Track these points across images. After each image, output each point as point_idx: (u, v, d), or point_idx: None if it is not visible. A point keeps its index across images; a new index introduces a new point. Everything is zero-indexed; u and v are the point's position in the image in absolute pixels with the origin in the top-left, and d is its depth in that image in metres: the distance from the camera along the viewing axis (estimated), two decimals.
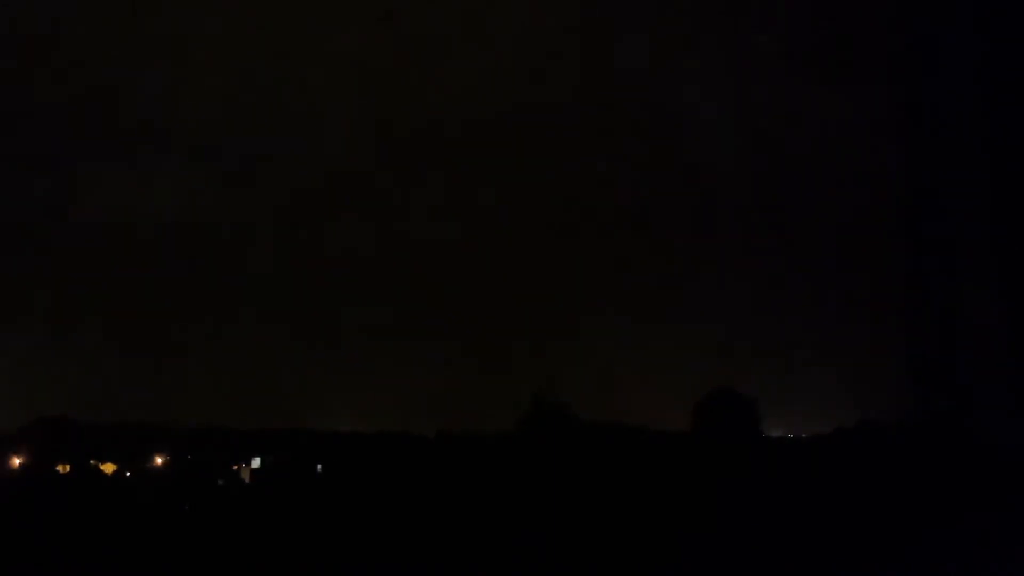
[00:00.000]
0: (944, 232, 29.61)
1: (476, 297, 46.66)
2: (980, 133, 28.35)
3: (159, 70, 48.92)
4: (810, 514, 26.55)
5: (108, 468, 37.13)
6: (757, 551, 24.88)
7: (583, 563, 25.29)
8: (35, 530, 27.24)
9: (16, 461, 35.72)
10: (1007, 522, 23.98)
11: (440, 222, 49.20)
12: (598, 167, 49.62)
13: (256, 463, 38.62)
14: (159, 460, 37.72)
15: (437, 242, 48.73)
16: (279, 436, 40.31)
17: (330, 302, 47.42)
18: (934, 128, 29.15)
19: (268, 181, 49.76)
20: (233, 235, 48.62)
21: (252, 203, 49.09)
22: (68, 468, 35.47)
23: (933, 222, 29.96)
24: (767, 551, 24.83)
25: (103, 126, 48.05)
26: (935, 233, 29.85)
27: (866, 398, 35.35)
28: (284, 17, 50.15)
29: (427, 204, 49.37)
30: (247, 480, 38.08)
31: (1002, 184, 27.84)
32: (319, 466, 37.80)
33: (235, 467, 38.44)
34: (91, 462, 36.58)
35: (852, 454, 31.91)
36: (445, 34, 48.88)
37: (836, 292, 42.40)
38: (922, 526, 25.37)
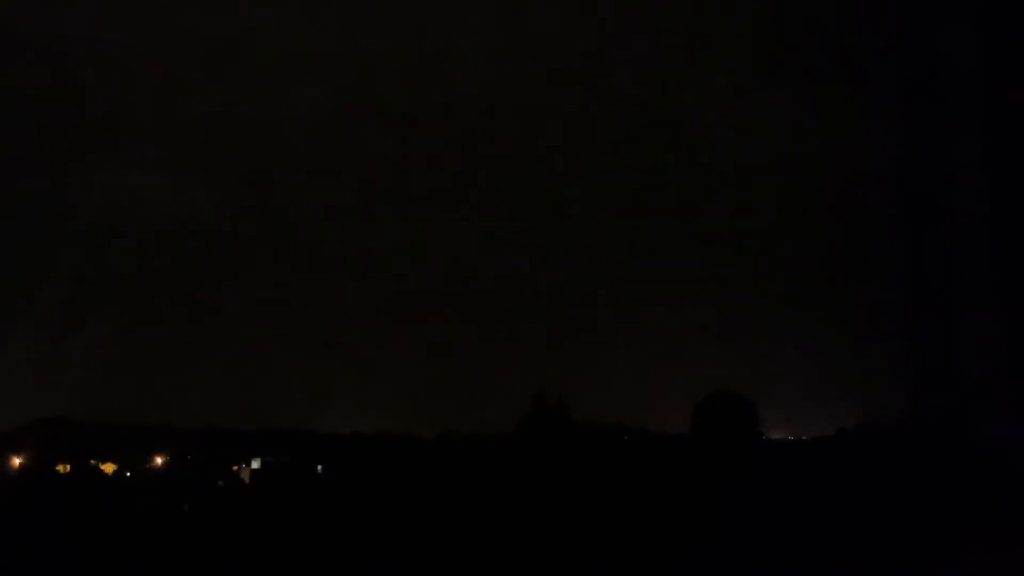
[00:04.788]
0: (945, 233, 29.57)
1: (476, 299, 46.65)
2: (981, 134, 28.33)
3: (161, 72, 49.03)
4: (811, 517, 26.50)
5: (108, 468, 37.11)
6: (758, 554, 24.85)
7: (583, 565, 25.26)
8: (35, 530, 27.22)
9: (16, 461, 35.70)
10: (1008, 524, 23.93)
11: (442, 227, 49.23)
12: (597, 173, 49.64)
13: (256, 464, 38.59)
14: (159, 460, 37.72)
15: (438, 246, 48.76)
16: (279, 437, 40.32)
17: (331, 304, 47.44)
18: (935, 129, 29.12)
19: (269, 184, 49.77)
20: (235, 237, 48.65)
21: (254, 207, 49.11)
22: (68, 468, 35.42)
23: (934, 222, 29.92)
24: (768, 554, 24.79)
25: (106, 128, 48.10)
26: (936, 234, 29.81)
27: (867, 400, 35.30)
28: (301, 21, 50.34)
29: (430, 210, 49.44)
30: (247, 481, 38.03)
31: (1003, 185, 27.82)
32: (319, 467, 37.77)
33: (235, 468, 38.40)
34: (91, 462, 36.55)
35: (853, 456, 31.84)
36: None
37: (837, 293, 42.36)
38: (923, 528, 25.32)
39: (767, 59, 47.17)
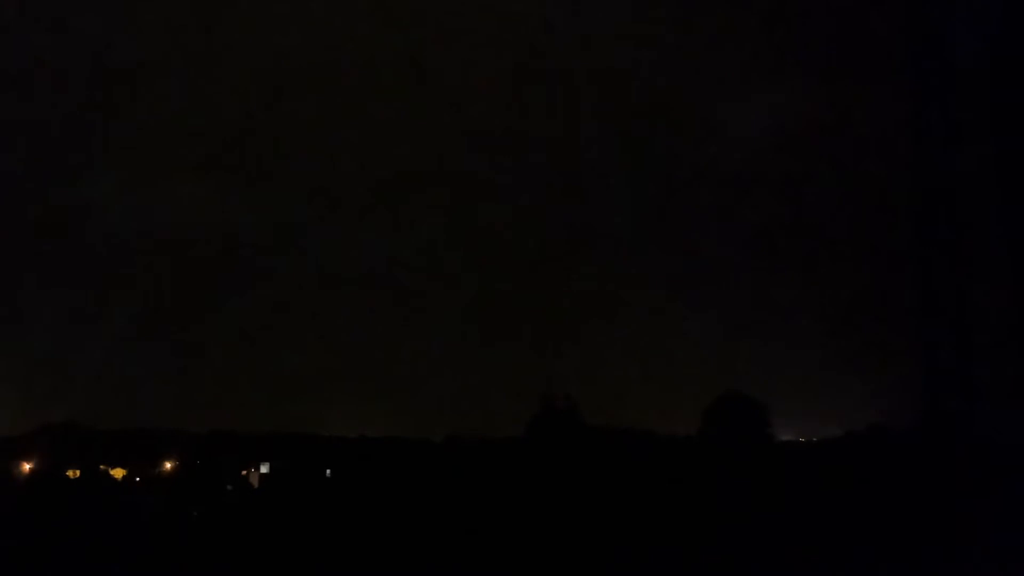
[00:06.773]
0: (955, 235, 29.47)
1: (484, 303, 46.66)
2: (990, 135, 28.25)
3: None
4: (821, 518, 26.40)
5: (118, 473, 37.23)
6: (767, 555, 24.77)
7: (592, 566, 25.22)
8: (45, 533, 27.33)
9: (26, 466, 35.82)
10: (1017, 525, 23.81)
11: (445, 232, 49.34)
12: (604, 174, 49.57)
13: (265, 468, 38.62)
14: (168, 465, 37.76)
15: (444, 251, 48.83)
16: (288, 441, 40.27)
17: (336, 309, 47.54)
18: (944, 129, 29.04)
19: (275, 192, 49.99)
20: (242, 244, 48.85)
21: (260, 213, 49.30)
22: (78, 473, 35.49)
23: (944, 224, 29.82)
24: (777, 555, 24.71)
25: (108, 134, 48.41)
26: (946, 236, 29.70)
27: (877, 402, 35.09)
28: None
29: (435, 215, 49.56)
30: (256, 485, 38.08)
31: (1012, 186, 27.72)
32: (328, 471, 37.75)
33: (244, 472, 38.43)
34: (101, 467, 36.65)
35: (863, 458, 31.64)
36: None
37: (847, 295, 42.19)
38: (932, 529, 25.20)
39: (778, 61, 47.05)
